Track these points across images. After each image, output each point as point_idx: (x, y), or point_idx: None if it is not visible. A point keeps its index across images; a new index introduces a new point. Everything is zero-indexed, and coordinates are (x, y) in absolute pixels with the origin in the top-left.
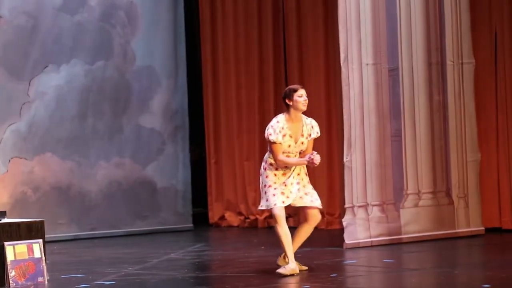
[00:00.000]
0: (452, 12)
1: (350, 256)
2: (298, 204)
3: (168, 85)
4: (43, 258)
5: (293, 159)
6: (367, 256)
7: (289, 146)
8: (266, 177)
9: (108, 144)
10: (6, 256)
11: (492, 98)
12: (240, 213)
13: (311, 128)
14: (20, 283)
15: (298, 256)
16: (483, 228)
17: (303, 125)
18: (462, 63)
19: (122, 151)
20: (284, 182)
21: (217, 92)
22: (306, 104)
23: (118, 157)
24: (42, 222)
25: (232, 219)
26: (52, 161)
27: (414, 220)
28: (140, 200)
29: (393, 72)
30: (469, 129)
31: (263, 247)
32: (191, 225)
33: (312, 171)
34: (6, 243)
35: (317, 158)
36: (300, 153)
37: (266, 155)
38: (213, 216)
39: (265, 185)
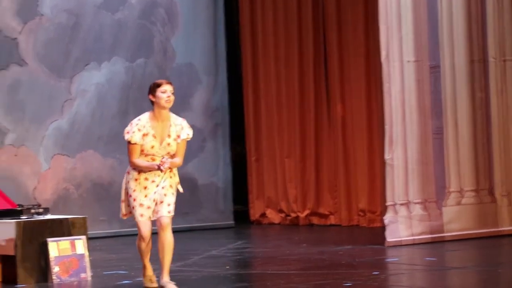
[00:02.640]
0: (494, 9)
1: (392, 254)
2: (153, 218)
3: (208, 83)
4: (86, 254)
5: (146, 163)
6: (409, 254)
7: (152, 147)
8: (128, 182)
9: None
10: (49, 252)
11: None
12: (281, 211)
13: (181, 129)
14: (63, 279)
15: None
16: None
17: (170, 125)
18: (504, 60)
19: None
20: (145, 194)
21: (258, 89)
22: (170, 102)
23: None
24: (84, 219)
25: (273, 216)
26: (93, 158)
27: (456, 218)
28: (181, 197)
29: (435, 69)
30: None
31: (304, 245)
32: (232, 222)
33: (353, 169)
34: (49, 239)
35: (165, 165)
36: (172, 156)
37: None
38: (254, 214)
39: (127, 193)
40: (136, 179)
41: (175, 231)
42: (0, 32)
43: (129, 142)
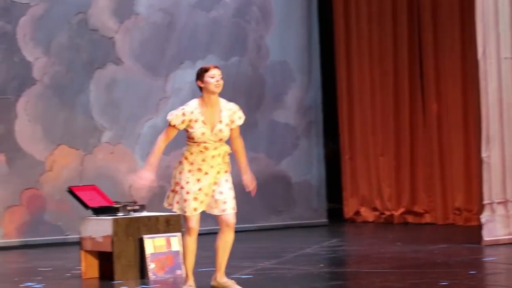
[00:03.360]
0: None
1: (489, 253)
2: (209, 211)
3: (301, 80)
4: (181, 251)
5: (155, 154)
6: (506, 253)
7: (203, 134)
8: (180, 173)
9: (242, 139)
10: (145, 249)
11: None
12: (375, 209)
13: (233, 113)
14: (159, 275)
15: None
16: None
17: (221, 111)
18: None
19: (256, 146)
20: (199, 188)
21: (351, 87)
22: (220, 86)
23: (253, 152)
24: (179, 216)
25: (367, 214)
26: None
27: None
28: (275, 195)
29: None
30: None
31: (399, 243)
32: (326, 220)
33: (449, 167)
34: (145, 236)
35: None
36: (223, 142)
37: (185, 148)
38: (348, 212)
39: (177, 183)
40: (189, 170)
41: (269, 229)
42: (97, 32)
43: (169, 123)
